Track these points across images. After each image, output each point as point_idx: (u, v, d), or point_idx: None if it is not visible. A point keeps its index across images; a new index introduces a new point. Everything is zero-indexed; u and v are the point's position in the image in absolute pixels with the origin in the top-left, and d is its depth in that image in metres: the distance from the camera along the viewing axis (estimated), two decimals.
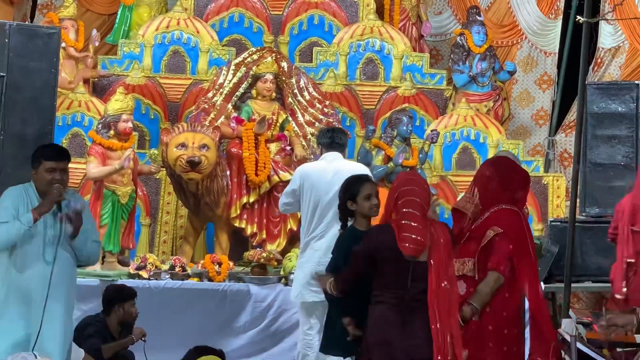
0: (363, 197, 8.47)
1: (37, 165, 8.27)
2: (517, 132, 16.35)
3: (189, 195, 12.68)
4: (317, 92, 13.90)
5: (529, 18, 16.82)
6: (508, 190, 8.12)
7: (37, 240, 8.13)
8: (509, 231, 7.91)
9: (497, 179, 8.09)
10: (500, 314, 7.98)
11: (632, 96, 13.37)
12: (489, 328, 7.98)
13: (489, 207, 8.01)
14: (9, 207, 8.06)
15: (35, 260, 8.12)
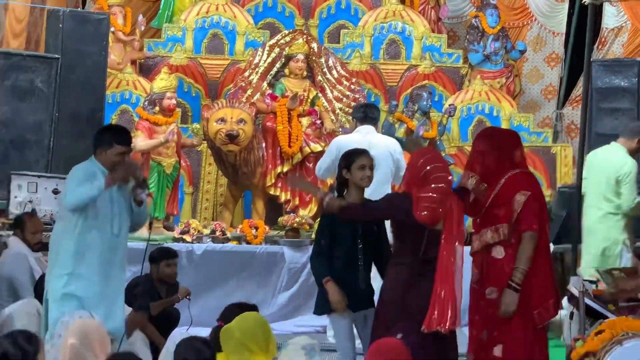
0: (358, 166, 8.29)
1: (107, 146, 8.16)
2: (528, 106, 16.27)
3: (227, 166, 12.68)
4: (345, 70, 13.86)
5: (538, 1, 16.74)
6: (506, 157, 8.03)
7: (105, 213, 8.10)
8: (535, 192, 7.83)
9: (492, 149, 7.99)
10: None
11: (634, 72, 13.30)
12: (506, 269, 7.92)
13: (498, 177, 7.90)
14: (83, 179, 8.02)
15: (104, 231, 8.11)
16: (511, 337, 7.80)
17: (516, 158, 8.15)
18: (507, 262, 7.81)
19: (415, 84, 14.61)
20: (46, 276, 8.23)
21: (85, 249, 8.07)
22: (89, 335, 6.62)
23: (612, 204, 11.21)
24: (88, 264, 8.09)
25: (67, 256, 8.04)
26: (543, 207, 7.90)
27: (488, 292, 7.81)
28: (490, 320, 7.84)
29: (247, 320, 6.83)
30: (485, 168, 7.94)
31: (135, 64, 14.50)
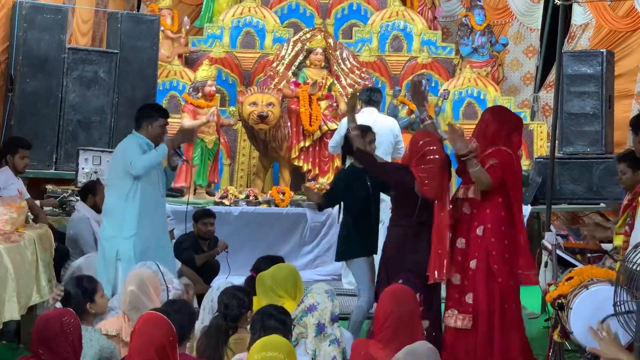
0: (367, 141, 8.37)
1: (152, 120, 8.19)
2: (509, 90, 16.20)
3: (259, 141, 12.71)
4: (356, 61, 13.86)
5: (518, 2, 16.63)
6: (504, 132, 7.98)
7: (154, 177, 8.18)
8: (502, 163, 7.79)
9: (494, 122, 7.95)
10: (499, 228, 7.89)
11: (598, 61, 13.28)
12: (492, 240, 7.90)
13: (487, 147, 7.88)
14: (138, 149, 8.08)
15: (156, 193, 8.23)
16: (482, 287, 7.82)
17: (513, 138, 8.08)
18: (474, 218, 7.84)
19: (415, 72, 14.57)
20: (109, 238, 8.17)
21: (145, 211, 8.10)
22: (146, 283, 6.65)
23: None
24: (150, 223, 8.13)
25: (132, 219, 8.06)
26: (513, 179, 7.85)
27: (458, 243, 7.85)
28: (462, 269, 7.86)
29: (281, 270, 6.86)
30: (482, 136, 7.93)
31: (182, 57, 14.49)
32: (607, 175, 12.67)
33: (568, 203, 12.89)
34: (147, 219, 8.13)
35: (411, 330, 5.56)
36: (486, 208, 7.87)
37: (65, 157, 11.83)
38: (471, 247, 7.86)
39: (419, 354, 4.88)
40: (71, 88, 11.98)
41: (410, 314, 5.68)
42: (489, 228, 7.85)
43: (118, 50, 12.41)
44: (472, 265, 7.86)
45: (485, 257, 7.82)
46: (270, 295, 6.66)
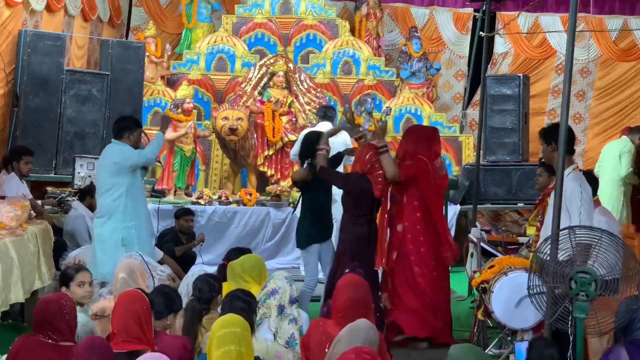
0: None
1: (132, 130, 8.21)
2: (442, 108, 16.25)
3: (230, 150, 12.68)
4: (312, 83, 13.86)
5: (449, 33, 16.68)
6: (423, 145, 8.11)
7: (140, 177, 8.31)
8: (416, 166, 8.05)
9: (412, 140, 8.13)
10: (415, 227, 7.99)
11: (516, 84, 13.44)
12: (409, 236, 8.00)
13: (410, 159, 8.06)
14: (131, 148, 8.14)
15: (142, 189, 8.39)
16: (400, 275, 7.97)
17: (434, 148, 8.20)
18: (395, 217, 8.13)
19: (362, 92, 14.60)
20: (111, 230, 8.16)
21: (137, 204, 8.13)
22: (134, 271, 6.62)
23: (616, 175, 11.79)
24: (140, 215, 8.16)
25: (131, 211, 8.10)
26: (427, 181, 8.05)
27: (399, 228, 7.97)
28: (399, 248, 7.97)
29: (249, 260, 6.86)
30: (405, 152, 8.10)
31: (164, 79, 14.42)
32: (523, 179, 12.79)
33: (491, 203, 12.97)
34: (139, 211, 8.14)
35: (364, 313, 5.59)
36: (404, 209, 8.01)
37: (64, 163, 11.78)
38: (393, 241, 8.02)
39: (359, 329, 4.97)
40: (69, 104, 11.93)
41: (364, 299, 5.72)
42: (406, 226, 7.99)
43: (109, 72, 12.36)
44: (394, 256, 8.01)
45: (403, 250, 7.98)
46: (239, 281, 6.66)
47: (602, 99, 16.32)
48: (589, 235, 5.85)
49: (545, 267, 5.89)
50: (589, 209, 6.52)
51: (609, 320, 5.73)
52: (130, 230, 8.08)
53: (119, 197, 8.10)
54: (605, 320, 5.76)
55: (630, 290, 5.73)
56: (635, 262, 5.86)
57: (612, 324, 5.70)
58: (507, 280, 7.13)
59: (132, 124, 8.33)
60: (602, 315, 5.77)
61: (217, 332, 4.69)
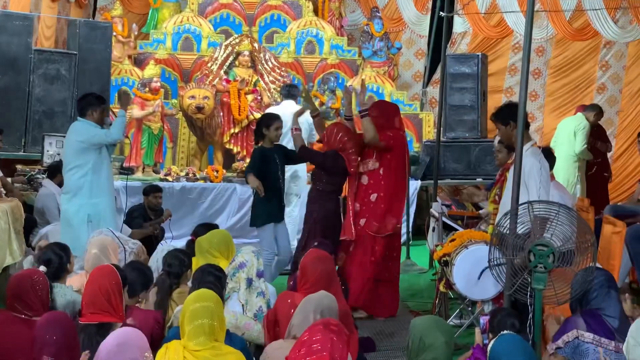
0: (274, 127, 8.56)
1: (95, 107, 8.14)
2: (403, 86, 16.26)
3: (197, 128, 12.60)
4: (277, 62, 13.79)
5: (409, 14, 16.67)
6: (391, 118, 8.18)
7: (106, 153, 8.18)
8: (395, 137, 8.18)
9: (382, 114, 8.16)
10: (391, 196, 8.07)
11: (474, 62, 13.41)
12: (382, 206, 8.07)
13: (380, 132, 8.09)
14: (96, 127, 8.07)
15: (109, 165, 8.25)
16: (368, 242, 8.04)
17: (397, 120, 8.28)
18: (370, 187, 8.16)
19: (326, 71, 14.56)
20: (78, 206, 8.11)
21: (104, 180, 8.07)
22: (106, 246, 6.60)
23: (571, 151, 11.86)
24: (107, 190, 8.10)
25: (97, 187, 8.04)
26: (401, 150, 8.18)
27: (372, 198, 8.06)
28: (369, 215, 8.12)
29: (215, 235, 6.85)
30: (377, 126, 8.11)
31: (131, 58, 14.28)
32: (482, 155, 12.84)
33: (451, 178, 13.01)
34: (105, 187, 8.09)
35: (332, 285, 5.65)
36: (381, 179, 8.07)
37: (33, 142, 11.65)
38: (362, 210, 8.06)
39: (316, 298, 5.12)
40: (37, 83, 11.78)
41: (330, 272, 5.77)
42: (381, 196, 8.05)
43: (77, 51, 12.21)
44: (361, 223, 8.09)
45: (372, 218, 8.06)
46: (207, 256, 6.64)
47: (557, 77, 16.41)
48: (547, 209, 5.91)
49: (505, 240, 5.94)
50: (546, 184, 6.58)
51: (566, 291, 5.80)
52: (96, 206, 8.05)
53: (84, 174, 8.06)
54: (562, 291, 5.83)
55: (586, 262, 5.81)
56: (591, 234, 5.93)
57: (568, 295, 5.77)
58: (467, 253, 7.18)
59: (95, 101, 8.25)
60: (559, 286, 5.84)
61: (190, 306, 4.69)
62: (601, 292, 5.58)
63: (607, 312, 5.52)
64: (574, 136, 12.10)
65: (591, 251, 5.82)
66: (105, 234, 7.11)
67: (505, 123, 6.93)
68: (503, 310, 5.73)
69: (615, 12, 16.18)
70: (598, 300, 5.58)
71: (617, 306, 5.57)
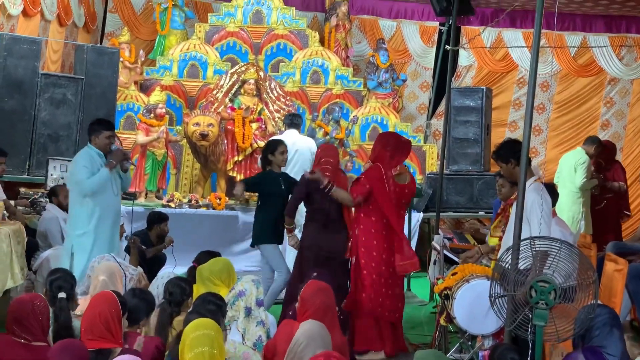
0: (279, 152, 8.70)
1: (97, 133, 8.09)
2: (407, 118, 16.31)
3: (200, 155, 12.63)
4: (282, 91, 13.84)
5: (415, 46, 16.75)
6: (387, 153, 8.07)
7: (109, 184, 8.05)
8: (367, 177, 8.02)
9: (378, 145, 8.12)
10: (369, 230, 7.97)
11: (479, 96, 13.42)
12: (362, 239, 7.98)
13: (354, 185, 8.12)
14: (87, 166, 7.96)
15: (108, 194, 8.04)
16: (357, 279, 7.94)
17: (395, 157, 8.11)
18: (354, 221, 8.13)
19: (330, 101, 14.61)
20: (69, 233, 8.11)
21: (98, 211, 8.00)
22: (114, 273, 6.59)
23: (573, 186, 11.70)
24: (102, 221, 8.03)
25: (85, 219, 7.96)
26: (380, 189, 7.95)
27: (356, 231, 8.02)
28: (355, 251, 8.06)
29: (216, 263, 6.84)
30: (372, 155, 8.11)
31: (137, 84, 14.35)
32: (484, 189, 12.85)
33: (453, 211, 13.00)
34: (100, 217, 8.02)
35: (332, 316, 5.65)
36: (360, 213, 8.03)
37: (37, 165, 11.68)
38: (352, 244, 8.03)
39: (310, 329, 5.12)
40: (43, 107, 11.83)
41: (329, 304, 5.76)
42: (361, 229, 7.99)
43: (84, 76, 12.28)
44: (353, 260, 8.02)
45: (356, 253, 7.99)
46: (207, 284, 6.63)
47: (561, 112, 16.44)
48: (549, 245, 5.89)
49: (507, 276, 5.92)
50: (548, 220, 6.57)
51: (568, 328, 5.77)
52: (80, 238, 7.94)
53: (76, 202, 8.05)
54: (563, 328, 5.80)
55: (588, 299, 5.78)
56: (592, 271, 5.91)
57: (570, 332, 5.74)
58: (469, 287, 7.16)
59: (97, 127, 8.19)
60: (560, 322, 5.82)
61: (190, 334, 4.68)
62: (604, 330, 5.55)
63: (609, 351, 5.49)
64: (574, 171, 12.05)
65: (593, 288, 5.79)
66: (107, 259, 7.09)
67: (507, 161, 6.93)
68: (503, 345, 5.71)
69: (620, 49, 16.24)
70: (600, 338, 5.55)
71: (619, 345, 5.54)
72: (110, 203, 8.13)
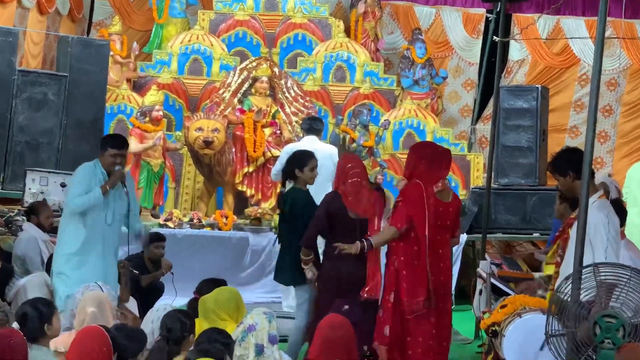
0: (309, 168, 8.48)
1: (104, 150, 8.19)
2: (448, 122, 16.31)
3: (204, 166, 12.69)
4: (300, 90, 13.87)
5: (457, 37, 16.76)
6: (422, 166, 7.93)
7: (100, 207, 8.07)
8: (406, 200, 7.79)
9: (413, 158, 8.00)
10: (412, 263, 7.87)
11: (533, 96, 13.37)
12: (403, 272, 7.86)
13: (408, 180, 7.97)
14: (83, 182, 8.05)
15: (98, 221, 8.08)
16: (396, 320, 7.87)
17: (434, 171, 8.02)
18: (392, 251, 7.91)
19: (357, 102, 14.61)
20: (54, 255, 8.25)
21: (88, 233, 8.07)
22: (104, 304, 6.61)
23: None
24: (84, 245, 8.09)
25: (70, 238, 8.06)
26: (417, 211, 7.76)
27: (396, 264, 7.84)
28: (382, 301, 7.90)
29: (223, 293, 6.85)
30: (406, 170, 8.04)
31: (130, 82, 14.44)
32: (540, 206, 12.81)
33: (502, 232, 12.98)
34: (85, 242, 8.07)
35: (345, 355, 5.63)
36: (400, 241, 7.85)
37: (12, 178, 11.75)
38: (388, 278, 7.89)
39: None
40: (20, 109, 11.90)
41: (346, 341, 5.74)
42: (401, 260, 7.82)
43: (68, 73, 12.34)
44: (390, 298, 7.85)
45: (398, 289, 7.83)
46: (212, 317, 6.64)
47: (631, 115, 16.39)
48: (616, 274, 5.86)
49: (566, 309, 5.90)
50: (615, 243, 6.53)
51: None
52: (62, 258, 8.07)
53: (66, 218, 8.20)
54: None
55: None
56: None
57: None
58: (521, 323, 7.14)
59: (106, 143, 8.32)
60: None
61: None
62: None
63: None
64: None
65: None
66: (92, 288, 7.09)
67: (564, 173, 6.89)
68: None
69: None
70: None
71: None
72: (98, 229, 8.15)
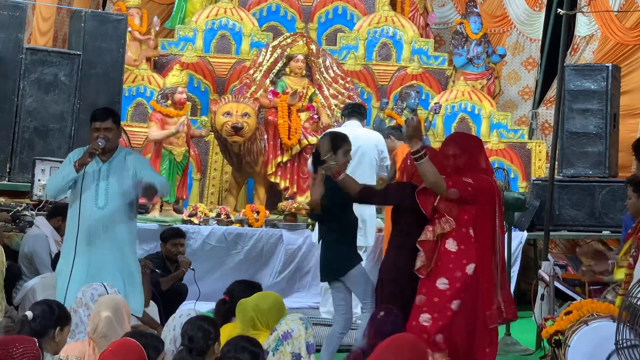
0: (343, 151, 8.34)
1: (90, 126, 8.13)
2: (506, 105, 16.29)
3: (232, 155, 12.71)
4: (340, 70, 13.90)
5: (517, 10, 16.74)
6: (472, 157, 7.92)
7: (91, 191, 7.94)
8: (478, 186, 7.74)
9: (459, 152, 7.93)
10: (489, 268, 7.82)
11: (603, 76, 13.35)
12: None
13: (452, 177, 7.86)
14: (63, 166, 7.99)
15: (91, 206, 8.00)
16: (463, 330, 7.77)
17: (481, 163, 8.01)
18: (463, 255, 7.75)
19: (404, 84, 14.65)
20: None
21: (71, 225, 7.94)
22: (120, 308, 6.63)
23: None
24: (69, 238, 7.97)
25: (67, 234, 8.01)
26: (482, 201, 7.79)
27: (438, 282, 7.74)
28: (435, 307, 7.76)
29: (266, 299, 6.79)
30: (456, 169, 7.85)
31: (150, 61, 14.52)
32: (610, 200, 12.78)
33: (568, 230, 12.95)
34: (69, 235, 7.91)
35: None
36: (476, 245, 7.77)
37: (20, 168, 11.80)
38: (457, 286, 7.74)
39: None
40: (28, 92, 11.95)
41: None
42: (477, 267, 7.74)
43: (81, 51, 12.39)
44: (452, 306, 7.72)
45: (475, 298, 7.72)
46: (248, 326, 6.63)
47: None
48: None
49: (638, 316, 5.90)
50: None
51: None
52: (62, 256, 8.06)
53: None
54: None
55: None
56: None
57: None
58: (588, 332, 7.13)
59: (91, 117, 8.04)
60: None
61: None
62: None
63: None
64: None
65: None
66: (96, 288, 7.06)
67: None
68: None
69: None
70: None
71: None
72: (85, 215, 7.85)
